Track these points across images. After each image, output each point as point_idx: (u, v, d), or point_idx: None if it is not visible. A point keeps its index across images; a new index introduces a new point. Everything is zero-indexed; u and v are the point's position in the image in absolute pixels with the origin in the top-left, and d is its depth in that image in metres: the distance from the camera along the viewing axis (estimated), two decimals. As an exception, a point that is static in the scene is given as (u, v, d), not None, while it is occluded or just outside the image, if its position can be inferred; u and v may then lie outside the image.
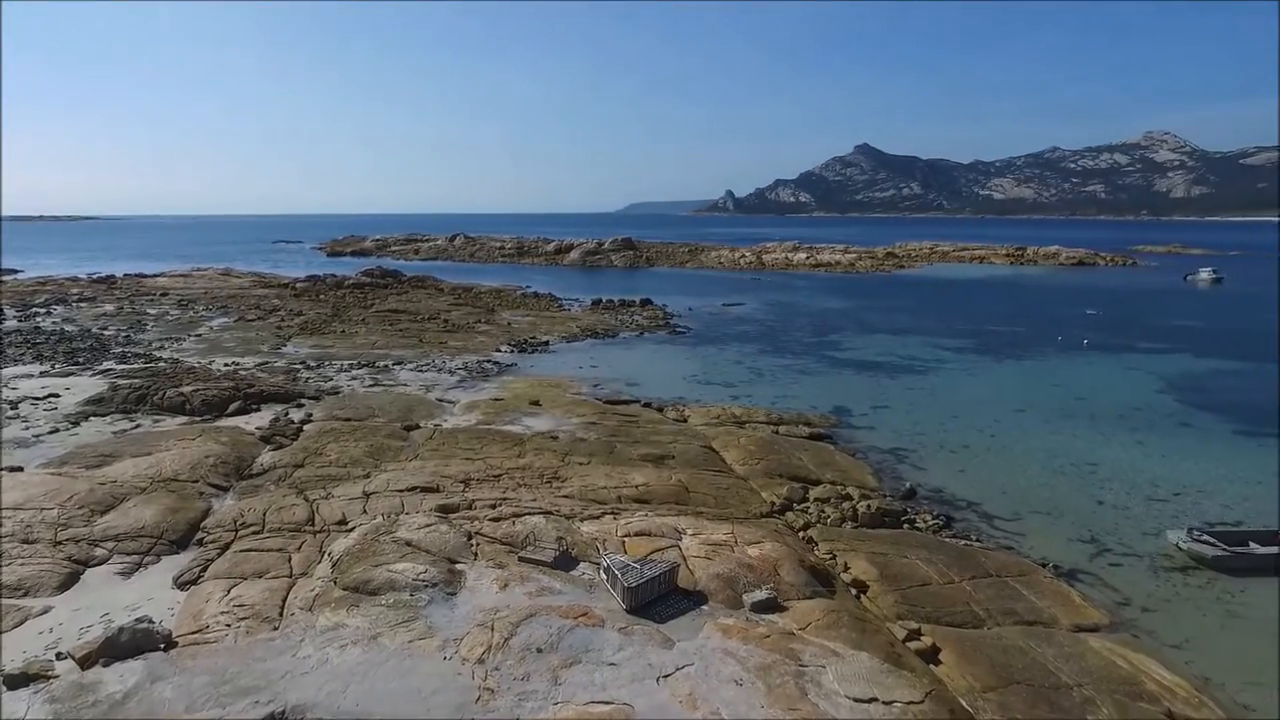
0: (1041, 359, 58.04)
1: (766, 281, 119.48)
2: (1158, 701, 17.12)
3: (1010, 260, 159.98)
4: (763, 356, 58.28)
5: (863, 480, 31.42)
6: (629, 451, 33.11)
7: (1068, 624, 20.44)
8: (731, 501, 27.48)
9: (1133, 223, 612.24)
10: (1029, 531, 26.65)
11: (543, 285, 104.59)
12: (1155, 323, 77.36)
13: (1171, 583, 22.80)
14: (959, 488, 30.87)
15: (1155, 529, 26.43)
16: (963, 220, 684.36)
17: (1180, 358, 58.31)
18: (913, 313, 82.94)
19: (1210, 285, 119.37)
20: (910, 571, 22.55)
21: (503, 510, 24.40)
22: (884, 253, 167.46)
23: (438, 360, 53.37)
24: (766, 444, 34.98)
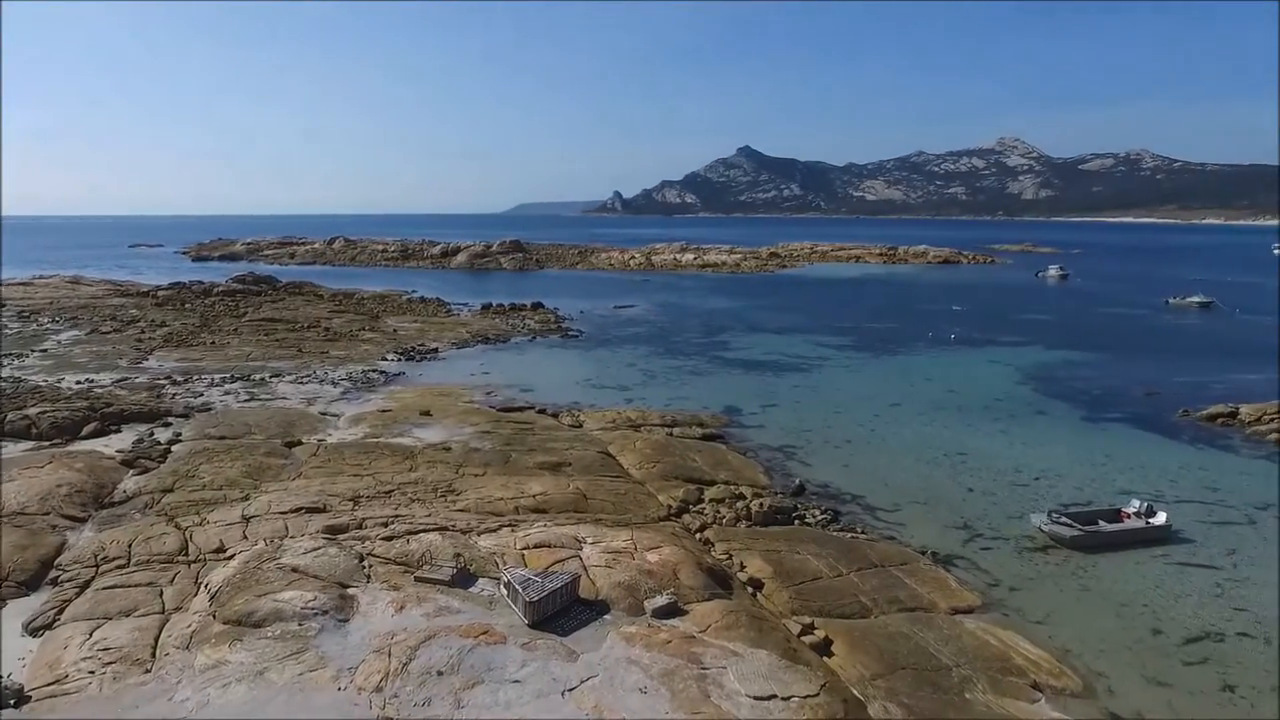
0: (914, 354, 61.60)
1: (656, 283, 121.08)
2: (1025, 675, 18.56)
3: (884, 259, 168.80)
4: (655, 358, 59.03)
5: (755, 479, 32.39)
6: (525, 460, 32.78)
7: (946, 607, 21.82)
8: (630, 507, 27.70)
9: (990, 222, 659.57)
10: (908, 521, 28.24)
11: (429, 290, 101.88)
12: (1013, 317, 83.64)
13: (1034, 562, 24.76)
14: (844, 481, 32.33)
15: (1019, 513, 28.59)
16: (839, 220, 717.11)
17: (1034, 350, 63.29)
18: (796, 311, 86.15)
19: (1058, 281, 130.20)
20: (802, 567, 23.45)
21: (395, 528, 23.64)
22: (767, 253, 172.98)
23: (319, 371, 51.02)
24: (662, 447, 35.45)
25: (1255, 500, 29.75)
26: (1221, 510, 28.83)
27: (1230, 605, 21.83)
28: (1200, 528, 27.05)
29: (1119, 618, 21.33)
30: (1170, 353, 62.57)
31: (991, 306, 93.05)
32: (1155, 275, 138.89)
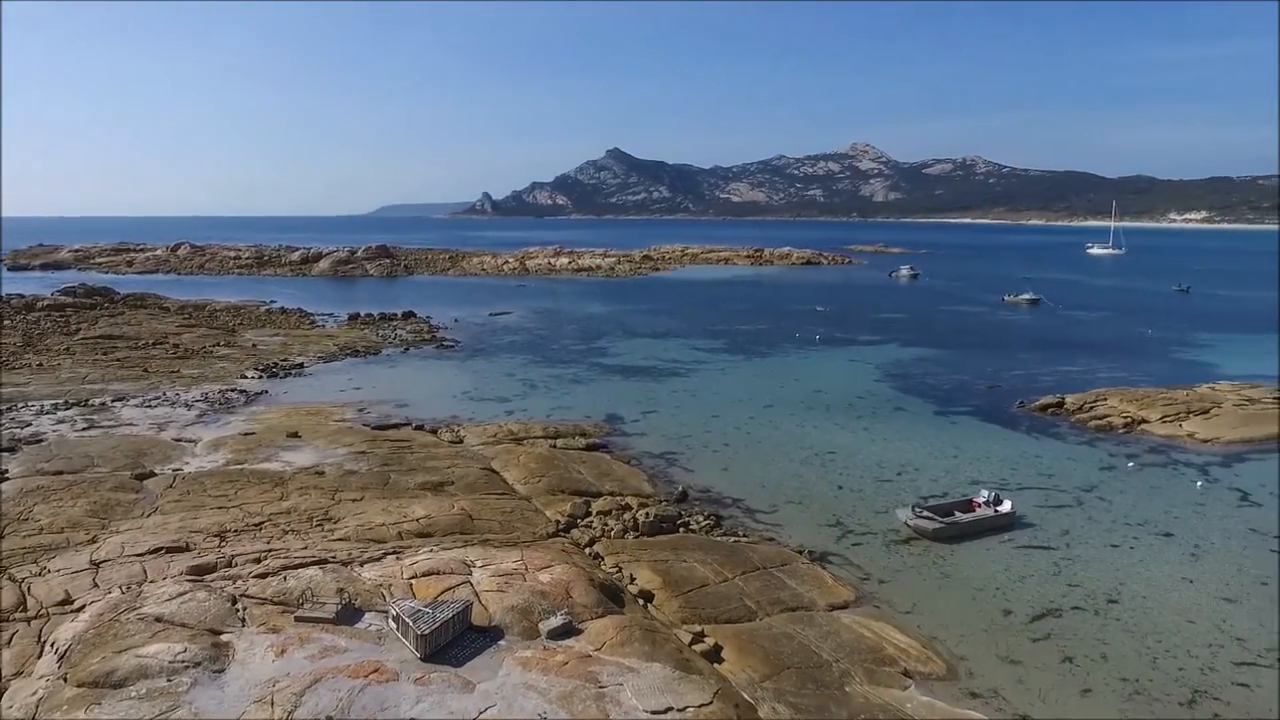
0: (784, 355, 64.49)
1: (532, 288, 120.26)
2: (896, 663, 20.01)
3: (751, 261, 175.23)
4: (534, 367, 58.71)
5: (639, 488, 32.96)
6: (406, 481, 31.87)
7: (824, 604, 23.14)
8: (517, 525, 27.54)
9: (846, 223, 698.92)
10: (786, 521, 29.66)
11: (290, 299, 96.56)
12: (870, 316, 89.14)
13: (900, 555, 26.64)
14: (724, 485, 33.49)
15: (885, 507, 30.65)
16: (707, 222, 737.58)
17: (890, 348, 67.77)
18: (671, 315, 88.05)
19: (909, 280, 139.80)
20: (690, 575, 24.16)
21: (270, 564, 22.41)
22: (641, 256, 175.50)
23: (170, 393, 47.35)
24: (546, 460, 35.40)
25: (1081, 483, 33.31)
26: (1055, 494, 32.09)
27: (1065, 583, 24.38)
28: (1038, 512, 30.00)
29: (974, 602, 23.36)
30: (1006, 347, 68.68)
31: (851, 306, 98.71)
32: (991, 274, 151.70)
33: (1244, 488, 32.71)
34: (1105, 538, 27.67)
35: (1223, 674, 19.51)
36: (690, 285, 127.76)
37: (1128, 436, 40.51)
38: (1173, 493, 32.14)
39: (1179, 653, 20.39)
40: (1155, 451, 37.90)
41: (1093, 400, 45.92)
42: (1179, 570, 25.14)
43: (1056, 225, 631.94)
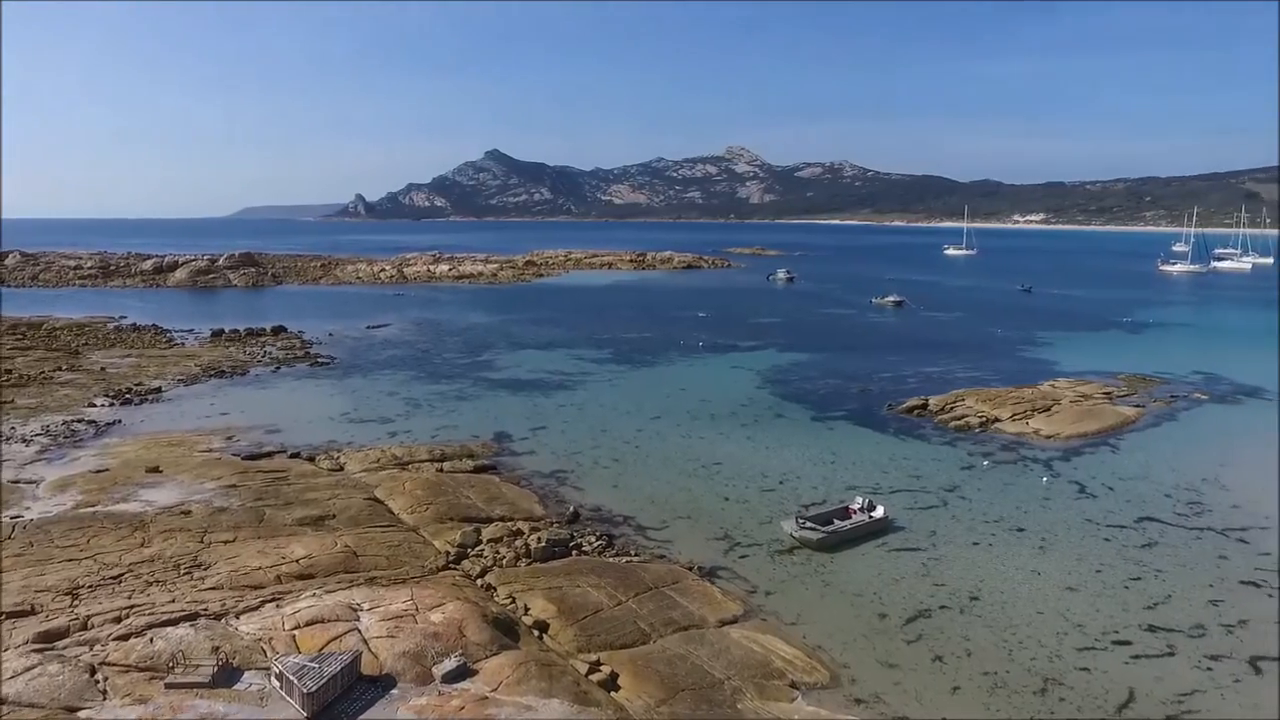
0: (669, 363, 65.69)
1: (411, 297, 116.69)
2: (784, 675, 20.94)
3: (634, 265, 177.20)
4: (417, 384, 57.13)
5: (530, 510, 32.80)
6: (283, 516, 30.35)
7: (714, 620, 23.87)
8: (405, 559, 26.82)
9: (725, 225, 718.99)
10: (676, 537, 30.32)
11: (143, 314, 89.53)
12: (750, 321, 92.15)
13: (785, 565, 27.82)
14: (615, 503, 33.84)
15: (769, 517, 31.88)
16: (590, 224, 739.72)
17: (769, 353, 70.37)
18: (557, 324, 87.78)
19: (786, 283, 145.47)
20: (584, 600, 24.31)
21: (133, 623, 20.84)
22: (524, 261, 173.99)
23: (4, 427, 42.96)
24: (433, 485, 34.62)
25: (945, 484, 35.87)
26: (922, 495, 34.39)
27: (933, 583, 26.23)
28: (908, 514, 32.07)
29: (853, 608, 24.75)
30: (875, 349, 72.77)
31: (731, 311, 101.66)
32: (860, 276, 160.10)
33: (1081, 480, 36.21)
34: (967, 536, 29.95)
35: (1067, 660, 21.59)
36: (575, 292, 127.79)
37: (983, 435, 43.91)
38: (1022, 489, 35.14)
39: (1030, 643, 22.40)
40: (1007, 449, 41.28)
41: (952, 401, 49.46)
42: (1029, 563, 27.56)
43: (916, 226, 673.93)
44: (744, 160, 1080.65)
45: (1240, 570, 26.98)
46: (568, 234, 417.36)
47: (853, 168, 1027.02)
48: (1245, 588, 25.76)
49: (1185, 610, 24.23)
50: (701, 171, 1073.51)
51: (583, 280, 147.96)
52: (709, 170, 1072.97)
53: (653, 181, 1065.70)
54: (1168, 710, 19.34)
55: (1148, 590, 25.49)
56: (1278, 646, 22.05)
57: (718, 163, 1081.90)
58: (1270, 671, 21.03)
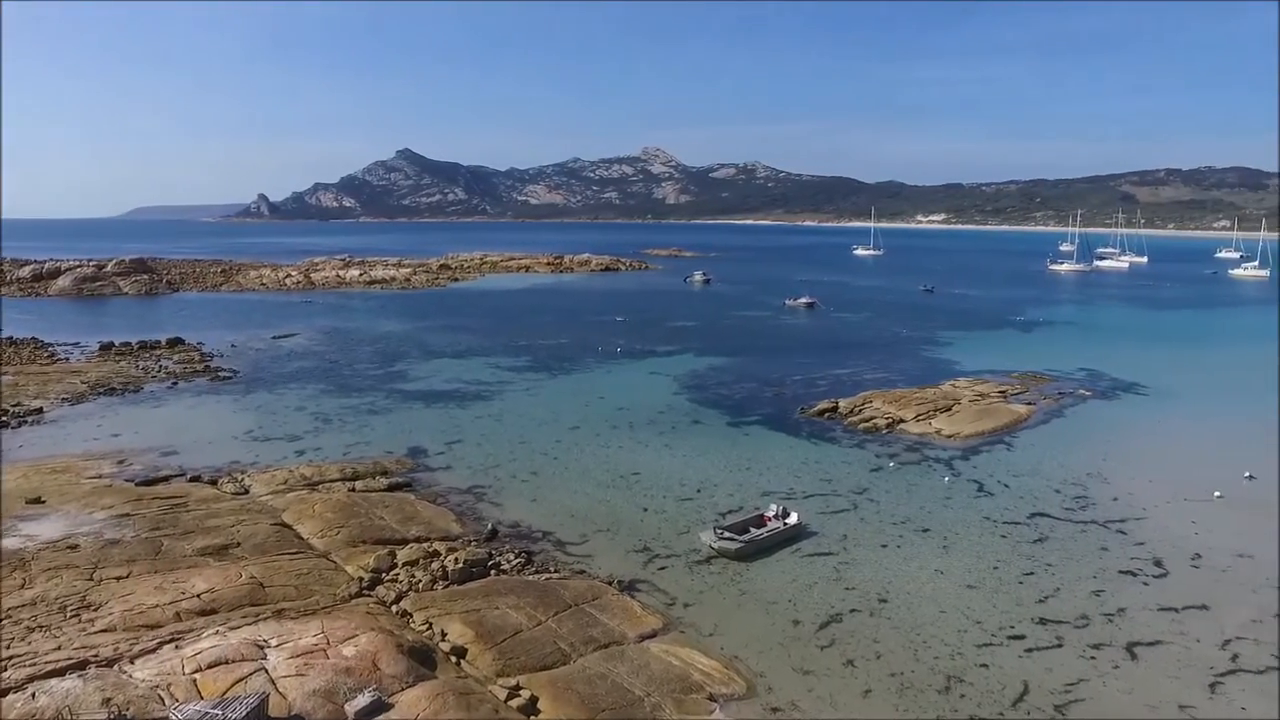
0: (587, 370, 65.67)
1: (320, 304, 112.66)
2: (702, 688, 21.31)
3: (551, 269, 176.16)
4: (327, 398, 55.27)
5: (448, 529, 32.26)
6: (182, 547, 28.91)
7: (634, 636, 24.06)
8: (316, 588, 25.96)
9: (642, 225, 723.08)
10: (595, 551, 30.40)
11: (21, 327, 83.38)
12: (667, 324, 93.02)
13: (702, 575, 28.28)
14: (534, 518, 33.65)
15: (687, 527, 32.35)
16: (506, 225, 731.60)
17: (687, 358, 71.26)
18: (473, 331, 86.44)
19: (702, 285, 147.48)
20: (503, 622, 24.11)
21: (13, 676, 19.48)
22: (438, 265, 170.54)
23: None
24: (345, 507, 33.62)
25: (854, 486, 37.19)
26: (833, 499, 35.56)
27: (844, 587, 27.19)
28: (820, 519, 33.11)
29: (768, 616, 25.39)
30: (788, 352, 74.70)
31: (649, 314, 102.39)
32: (774, 277, 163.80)
33: (979, 478, 38.19)
34: (875, 538, 31.14)
35: (968, 657, 22.77)
36: (491, 296, 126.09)
37: (890, 436, 45.72)
38: (926, 489, 36.78)
39: (934, 643, 23.51)
40: (911, 450, 43.12)
41: (861, 403, 51.29)
42: (933, 563, 28.90)
43: (827, 226, 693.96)
44: (660, 161, 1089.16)
45: (1119, 560, 29.03)
46: (484, 235, 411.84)
47: (765, 169, 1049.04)
48: (1123, 577, 27.73)
49: (1071, 602, 25.90)
50: (618, 172, 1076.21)
51: (499, 284, 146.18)
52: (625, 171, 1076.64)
53: (569, 182, 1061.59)
54: (1055, 700, 20.65)
55: (1039, 584, 27.13)
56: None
57: (634, 163, 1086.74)
58: (1145, 657, 22.73)
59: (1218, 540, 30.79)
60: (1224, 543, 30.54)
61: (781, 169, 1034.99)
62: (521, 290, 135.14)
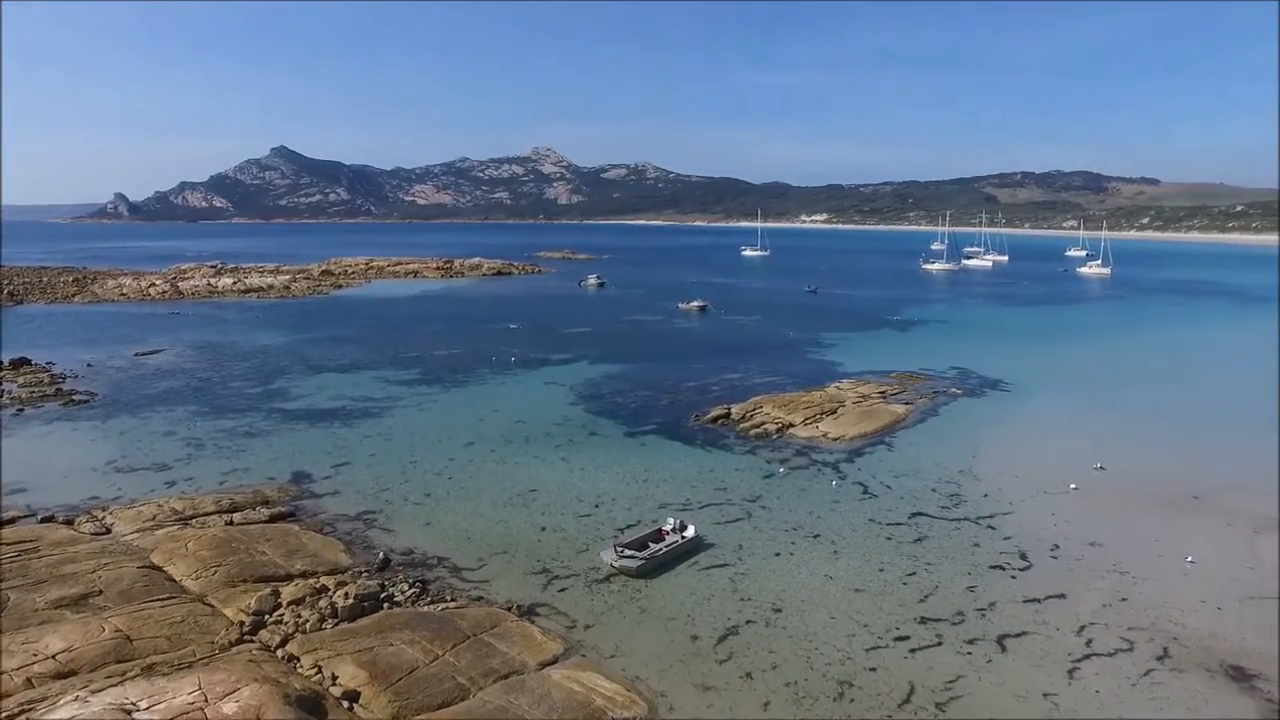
0: (481, 382, 64.47)
1: (189, 316, 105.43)
2: (605, 714, 21.33)
3: (441, 273, 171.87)
4: (199, 420, 51.83)
5: (336, 561, 30.93)
6: (33, 600, 26.42)
7: (535, 663, 23.82)
8: (191, 637, 24.30)
9: (534, 226, 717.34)
10: (493, 575, 29.90)
11: None
12: (561, 331, 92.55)
13: (603, 595, 28.33)
14: (429, 544, 32.74)
15: (586, 545, 32.31)
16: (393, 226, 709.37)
17: (582, 365, 71.18)
18: (359, 343, 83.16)
19: (596, 289, 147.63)
20: (398, 660, 23.33)
21: None
22: (320, 271, 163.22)
23: None
24: (223, 543, 31.63)
25: (748, 494, 38.21)
26: (728, 508, 36.39)
27: (740, 598, 27.89)
28: (716, 529, 33.81)
29: (668, 632, 25.72)
30: (682, 357, 75.88)
31: (543, 321, 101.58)
32: (667, 280, 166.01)
33: (864, 481, 40.04)
34: (769, 547, 32.09)
35: (858, 661, 23.83)
36: (378, 304, 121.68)
37: (780, 441, 47.22)
38: (815, 494, 38.23)
39: (826, 649, 24.47)
40: (801, 454, 44.71)
41: (752, 409, 52.73)
42: (824, 569, 30.07)
43: (716, 226, 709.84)
44: (551, 161, 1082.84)
45: (989, 556, 31.14)
46: (369, 237, 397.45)
47: (655, 169, 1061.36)
48: (993, 572, 29.77)
49: (949, 599, 27.57)
50: (508, 172, 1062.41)
51: (386, 290, 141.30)
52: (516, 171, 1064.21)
53: (458, 182, 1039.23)
54: (937, 699, 21.92)
55: (920, 584, 28.71)
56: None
57: (524, 163, 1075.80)
58: (1013, 649, 24.48)
59: (1073, 531, 33.55)
60: (1078, 533, 33.30)
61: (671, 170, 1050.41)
62: (410, 297, 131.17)
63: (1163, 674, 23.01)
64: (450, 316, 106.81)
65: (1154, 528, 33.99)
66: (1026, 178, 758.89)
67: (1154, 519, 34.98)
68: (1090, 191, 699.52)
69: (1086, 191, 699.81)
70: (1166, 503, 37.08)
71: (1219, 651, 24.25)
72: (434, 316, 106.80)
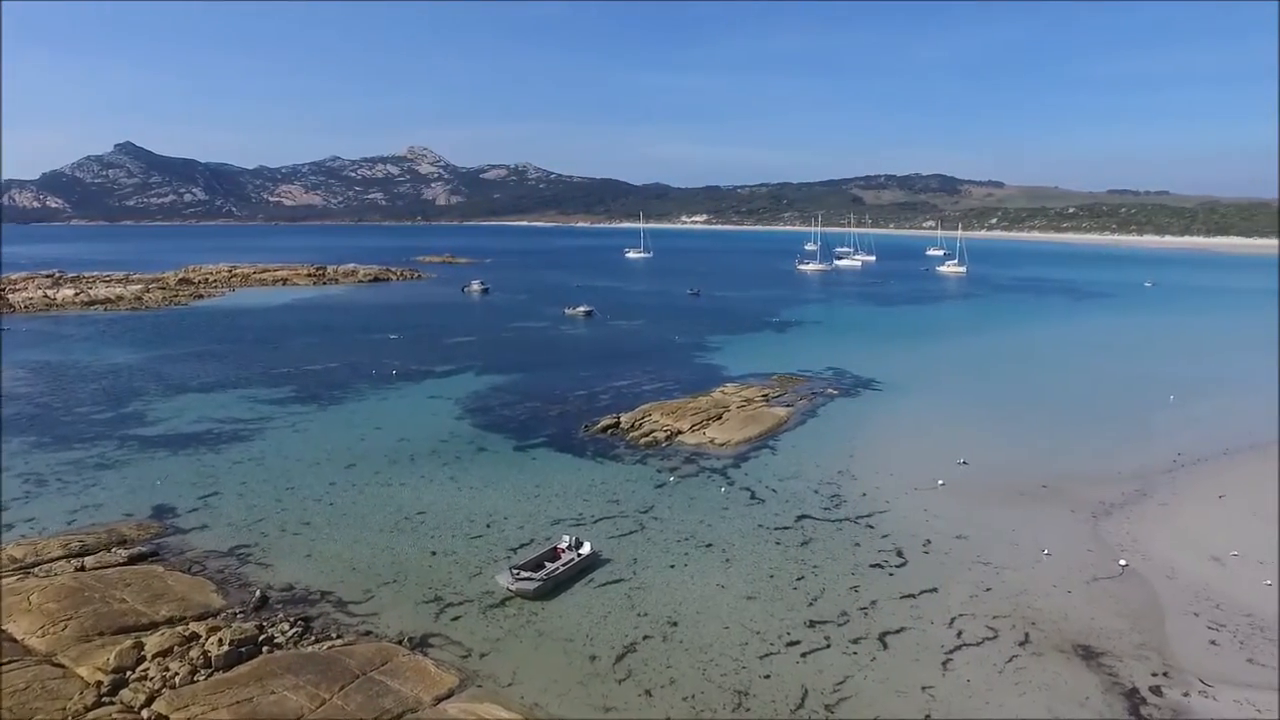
0: (361, 398, 61.86)
1: (22, 334, 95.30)
2: (506, 747, 20.99)
3: (313, 280, 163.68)
4: (40, 453, 47.03)
5: (206, 603, 28.90)
6: None
7: (430, 699, 23.12)
8: (38, 705, 22.05)
9: (412, 228, 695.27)
10: (382, 607, 28.79)
11: None
12: (445, 340, 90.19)
13: (498, 620, 27.83)
14: (310, 577, 31.14)
15: (479, 568, 31.66)
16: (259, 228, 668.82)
17: (467, 377, 69.65)
18: (224, 358, 77.92)
19: (480, 295, 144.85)
20: (281, 709, 22.09)
21: None
22: (177, 279, 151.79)
23: None
24: (73, 592, 28.88)
25: (640, 505, 38.57)
26: (622, 521, 36.61)
27: (636, 613, 28.12)
28: (611, 543, 33.93)
29: (566, 655, 25.59)
30: (570, 365, 75.63)
31: (425, 330, 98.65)
32: (552, 284, 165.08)
33: (751, 486, 41.29)
34: (663, 558, 32.53)
35: (753, 670, 24.55)
36: (245, 315, 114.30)
37: (669, 449, 47.94)
38: (706, 501, 39.07)
39: (722, 660, 25.07)
40: (690, 461, 45.56)
41: (641, 417, 53.27)
42: (716, 578, 30.77)
43: (599, 227, 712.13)
44: (427, 161, 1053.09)
45: (869, 555, 32.84)
46: (232, 241, 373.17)
47: (536, 170, 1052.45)
48: (874, 570, 31.42)
49: (834, 601, 28.87)
50: (383, 172, 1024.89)
51: (253, 300, 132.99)
52: (391, 171, 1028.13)
53: (329, 182, 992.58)
54: (826, 700, 22.92)
55: (808, 588, 29.91)
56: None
57: (400, 163, 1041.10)
58: (893, 645, 25.93)
59: (942, 525, 35.90)
60: (947, 527, 35.67)
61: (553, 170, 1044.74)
62: (280, 307, 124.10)
63: (1024, 659, 25.02)
64: (325, 327, 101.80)
65: (1011, 518, 36.88)
66: (889, 180, 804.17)
67: (1010, 510, 37.96)
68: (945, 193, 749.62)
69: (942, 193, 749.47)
70: (1019, 492, 40.33)
71: (1070, 633, 26.62)
72: (307, 327, 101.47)
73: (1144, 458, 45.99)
